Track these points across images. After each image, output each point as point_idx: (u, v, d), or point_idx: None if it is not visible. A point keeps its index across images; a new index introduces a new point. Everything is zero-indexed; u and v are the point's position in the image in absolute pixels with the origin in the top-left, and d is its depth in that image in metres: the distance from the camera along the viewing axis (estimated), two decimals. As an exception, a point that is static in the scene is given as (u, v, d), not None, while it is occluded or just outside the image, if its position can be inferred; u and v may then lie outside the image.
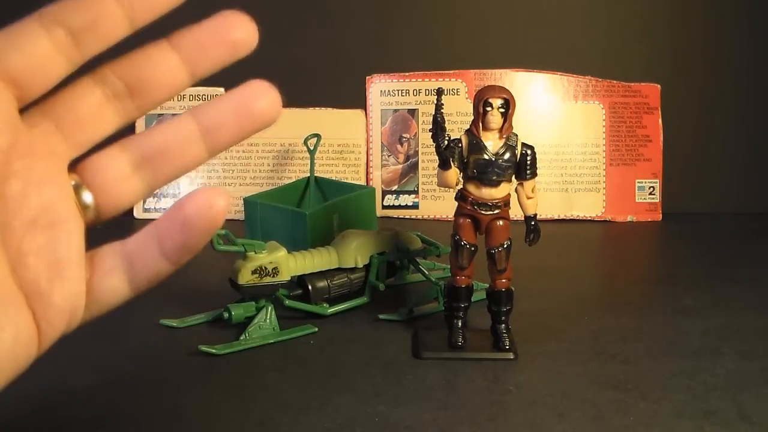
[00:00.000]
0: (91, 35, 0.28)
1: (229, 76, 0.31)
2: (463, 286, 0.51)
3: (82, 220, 0.28)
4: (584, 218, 0.92)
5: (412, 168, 0.94)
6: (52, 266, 0.27)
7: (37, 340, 0.27)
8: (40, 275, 0.26)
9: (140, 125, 0.95)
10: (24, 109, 0.28)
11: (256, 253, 0.54)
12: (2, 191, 0.26)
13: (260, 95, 0.30)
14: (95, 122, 0.29)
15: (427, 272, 0.60)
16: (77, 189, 0.28)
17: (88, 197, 0.29)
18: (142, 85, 0.29)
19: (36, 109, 0.28)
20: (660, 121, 0.94)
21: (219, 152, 0.30)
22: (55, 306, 0.27)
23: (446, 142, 0.49)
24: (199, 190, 0.27)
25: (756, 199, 0.95)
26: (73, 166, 0.29)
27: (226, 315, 0.55)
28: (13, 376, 0.26)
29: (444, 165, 0.49)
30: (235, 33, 0.30)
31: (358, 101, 0.95)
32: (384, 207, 0.93)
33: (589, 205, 0.93)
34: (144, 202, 0.92)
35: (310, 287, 0.58)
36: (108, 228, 0.29)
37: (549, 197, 0.92)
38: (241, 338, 0.53)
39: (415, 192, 0.94)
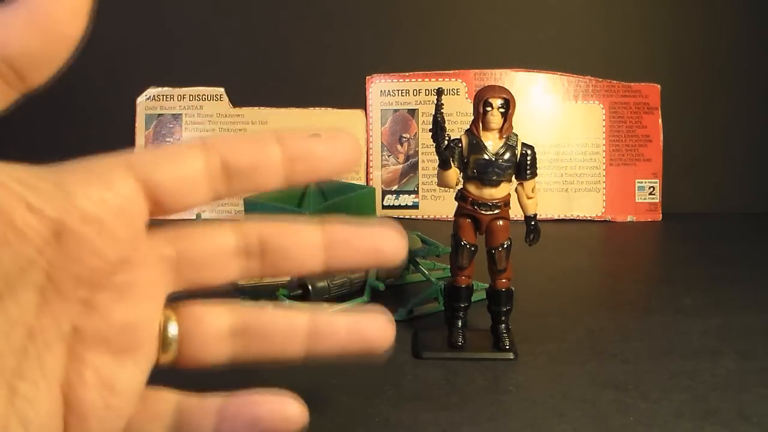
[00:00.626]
0: (246, 178, 0.27)
1: (229, 75, 0.31)
2: (463, 286, 0.51)
3: (155, 357, 0.28)
4: (584, 218, 0.92)
5: (412, 168, 0.94)
6: (104, 391, 0.26)
7: None
8: (88, 394, 0.25)
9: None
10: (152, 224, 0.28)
11: (256, 253, 0.54)
12: (92, 299, 0.25)
13: (379, 326, 0.29)
14: (215, 268, 0.28)
15: (427, 272, 0.60)
16: (167, 324, 0.28)
17: (173, 330, 0.28)
18: (277, 254, 0.29)
19: (165, 231, 0.28)
20: (660, 121, 0.94)
21: (312, 357, 0.29)
22: (87, 430, 0.26)
23: (446, 142, 0.49)
24: (280, 397, 0.27)
25: (756, 199, 0.95)
26: (174, 303, 0.29)
27: (226, 315, 0.55)
28: None
29: (444, 165, 0.49)
30: (387, 245, 0.29)
31: (358, 101, 0.95)
32: (384, 207, 0.93)
33: (589, 205, 0.93)
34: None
35: (310, 287, 0.58)
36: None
37: (549, 197, 0.92)
38: (241, 338, 0.53)
39: (415, 192, 0.94)
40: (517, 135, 0.50)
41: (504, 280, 0.51)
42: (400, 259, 0.29)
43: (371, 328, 0.29)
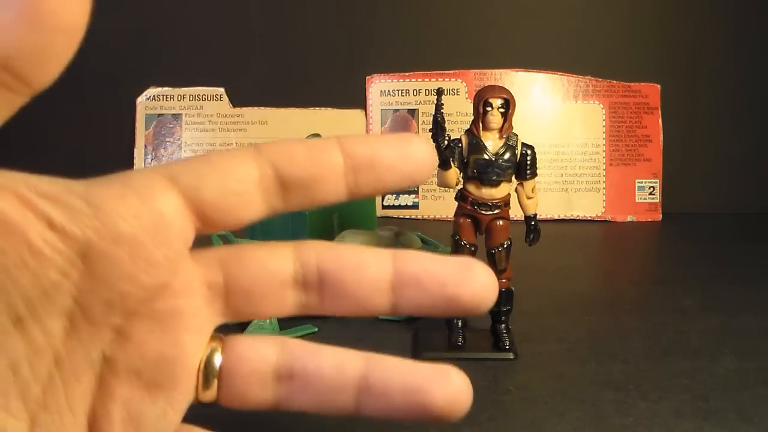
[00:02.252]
0: (304, 191, 0.24)
1: (229, 75, 0.31)
2: (463, 286, 0.51)
3: (193, 394, 0.25)
4: (584, 218, 0.92)
5: (412, 168, 0.94)
6: (130, 428, 0.24)
7: None
8: (113, 429, 0.24)
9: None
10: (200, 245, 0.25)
11: (256, 253, 0.54)
12: (126, 327, 0.23)
13: (450, 384, 0.25)
14: (269, 299, 0.26)
15: (427, 272, 0.60)
16: (211, 357, 0.25)
17: (217, 365, 0.25)
18: (337, 289, 0.25)
19: (213, 252, 0.26)
20: (660, 121, 0.94)
21: (364, 415, 0.26)
22: None
23: (446, 142, 0.49)
24: None
25: (756, 200, 0.95)
26: (218, 334, 0.26)
27: (226, 315, 0.54)
28: None
29: (444, 165, 0.49)
30: (467, 289, 0.26)
31: (358, 101, 0.95)
32: (384, 207, 0.93)
33: (589, 205, 0.93)
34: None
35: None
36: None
37: (549, 197, 0.92)
38: (241, 338, 0.53)
39: (415, 192, 0.94)
40: (517, 135, 0.50)
41: (504, 280, 0.51)
42: (487, 304, 0.25)
43: (434, 393, 0.24)
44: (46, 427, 0.22)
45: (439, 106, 0.49)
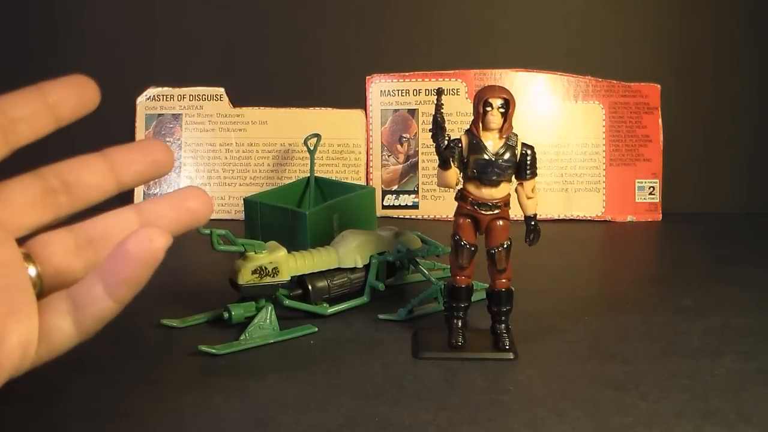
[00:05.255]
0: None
1: (229, 75, 0.31)
2: (463, 286, 0.51)
3: (34, 300, 0.30)
4: (584, 218, 0.92)
5: (412, 168, 0.94)
6: (8, 305, 0.28)
7: None
8: None
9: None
10: None
11: (256, 253, 0.54)
12: None
13: (194, 197, 0.33)
14: (32, 211, 0.32)
15: (427, 272, 0.60)
16: (25, 258, 0.31)
17: (32, 271, 0.31)
18: (75, 185, 0.33)
19: None
20: (660, 121, 0.94)
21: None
22: (9, 344, 0.28)
23: (446, 142, 0.49)
24: (141, 229, 0.28)
25: (756, 199, 0.95)
26: (22, 242, 0.31)
27: (226, 315, 0.55)
28: None
29: (444, 165, 0.49)
30: (157, 154, 0.34)
31: (358, 101, 0.95)
32: (384, 207, 0.93)
33: (589, 205, 0.93)
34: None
35: (310, 287, 0.58)
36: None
37: (549, 197, 0.92)
38: (241, 338, 0.53)
39: (415, 192, 0.94)
40: (516, 135, 0.50)
41: (504, 280, 0.51)
42: (170, 162, 0.34)
43: (189, 202, 0.33)
44: None
45: (439, 106, 0.49)
